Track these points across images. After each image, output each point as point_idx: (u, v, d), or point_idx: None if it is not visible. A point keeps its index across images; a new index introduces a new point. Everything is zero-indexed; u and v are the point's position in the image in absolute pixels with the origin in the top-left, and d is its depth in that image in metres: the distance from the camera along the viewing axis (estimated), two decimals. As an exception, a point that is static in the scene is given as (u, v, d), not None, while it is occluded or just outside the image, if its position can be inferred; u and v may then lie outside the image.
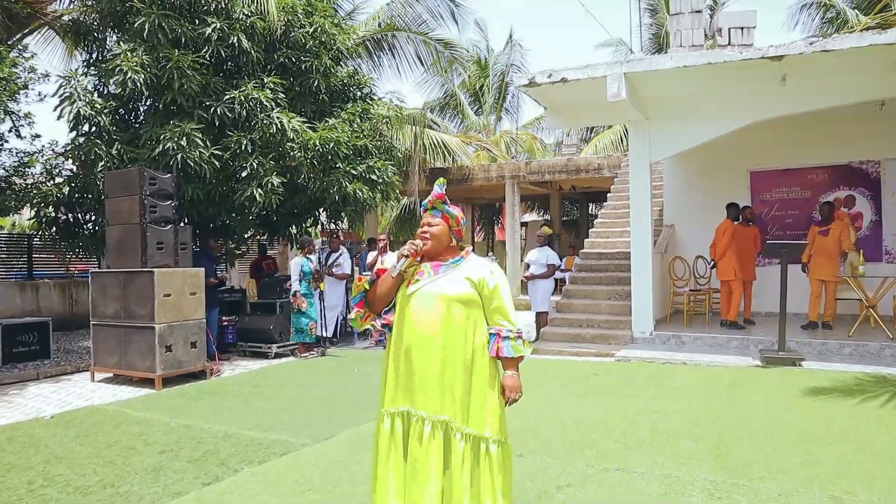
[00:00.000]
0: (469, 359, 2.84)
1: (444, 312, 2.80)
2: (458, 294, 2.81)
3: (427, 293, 2.83)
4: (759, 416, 5.26)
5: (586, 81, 7.78)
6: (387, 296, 2.94)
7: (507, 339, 2.80)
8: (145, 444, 4.89)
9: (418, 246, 2.91)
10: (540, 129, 23.41)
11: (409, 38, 14.83)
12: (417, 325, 2.82)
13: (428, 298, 2.82)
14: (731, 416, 5.26)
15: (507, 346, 2.80)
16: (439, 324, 2.79)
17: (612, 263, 10.61)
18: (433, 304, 2.81)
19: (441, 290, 2.82)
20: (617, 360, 7.99)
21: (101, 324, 7.62)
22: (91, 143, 8.09)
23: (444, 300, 2.80)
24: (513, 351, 2.80)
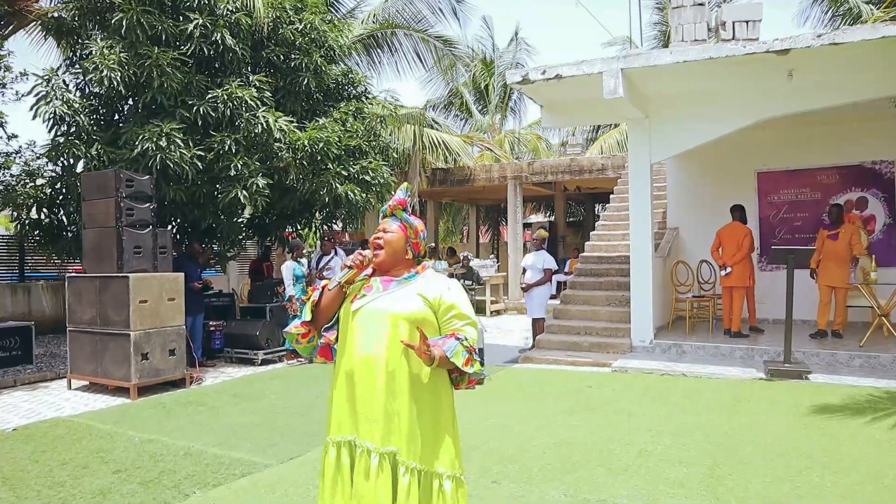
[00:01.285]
0: (419, 384, 2.52)
1: (389, 332, 2.48)
2: (408, 312, 2.48)
3: (372, 310, 2.51)
4: (759, 438, 4.88)
5: (582, 78, 7.43)
6: (327, 310, 2.62)
7: (456, 341, 2.40)
8: (101, 463, 4.61)
9: (366, 257, 2.59)
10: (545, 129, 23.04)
11: (408, 35, 14.53)
12: (360, 346, 2.51)
13: (373, 316, 2.50)
14: (729, 438, 4.88)
15: (453, 346, 2.39)
16: (384, 344, 2.47)
17: (612, 268, 10.23)
18: (378, 323, 2.49)
19: (388, 307, 2.50)
20: (613, 371, 7.62)
21: (78, 330, 7.36)
22: (70, 143, 7.83)
23: (390, 318, 2.48)
24: (452, 353, 2.37)
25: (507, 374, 7.80)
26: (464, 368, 2.42)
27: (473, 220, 24.26)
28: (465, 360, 2.41)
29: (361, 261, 2.57)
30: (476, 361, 2.48)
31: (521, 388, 6.94)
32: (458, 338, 2.44)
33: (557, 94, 8.16)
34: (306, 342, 2.66)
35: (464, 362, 2.41)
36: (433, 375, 2.53)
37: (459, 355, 2.41)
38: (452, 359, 2.37)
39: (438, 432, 2.53)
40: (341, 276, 2.57)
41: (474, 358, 2.47)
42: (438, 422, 2.53)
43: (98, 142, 8.00)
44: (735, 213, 8.70)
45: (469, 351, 2.45)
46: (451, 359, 2.37)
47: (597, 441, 4.85)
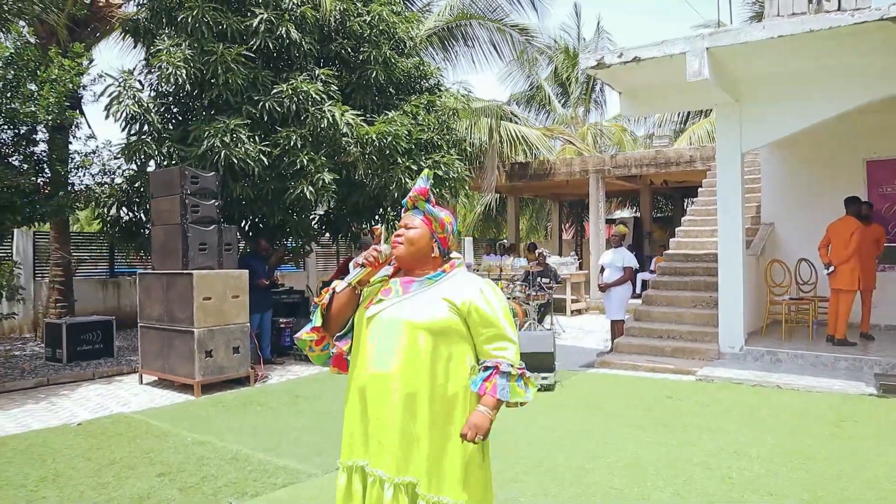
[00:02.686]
0: (443, 406, 2.15)
1: (406, 344, 2.13)
2: (428, 321, 2.13)
3: (388, 318, 2.17)
4: (869, 467, 4.20)
5: (663, 60, 6.80)
6: (339, 315, 2.29)
7: (505, 376, 2.10)
8: (149, 464, 4.51)
9: (381, 254, 2.24)
10: (630, 121, 22.03)
11: (483, 26, 14.13)
12: (372, 360, 2.17)
13: (388, 325, 2.16)
14: (831, 466, 4.23)
15: (504, 385, 2.10)
16: (400, 359, 2.13)
17: (699, 267, 9.45)
18: (394, 333, 2.14)
19: (406, 314, 2.15)
20: (698, 380, 6.96)
21: (147, 326, 7.45)
22: (142, 142, 7.94)
23: (408, 328, 2.13)
24: (509, 394, 2.10)
25: (580, 379, 7.29)
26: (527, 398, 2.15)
27: (556, 217, 23.54)
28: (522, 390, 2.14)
29: (376, 258, 2.22)
30: (530, 381, 2.17)
31: (594, 396, 6.43)
32: (504, 371, 2.10)
33: (636, 78, 7.54)
34: (320, 350, 2.35)
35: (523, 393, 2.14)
36: (461, 394, 2.16)
37: (516, 391, 2.11)
38: (513, 399, 2.11)
39: (467, 461, 2.16)
40: (352, 276, 2.23)
41: (528, 377, 2.16)
42: (465, 448, 2.16)
43: (169, 140, 8.09)
44: (848, 206, 7.72)
45: (521, 377, 2.13)
46: (511, 401, 2.12)
47: (672, 462, 4.31)
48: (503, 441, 4.84)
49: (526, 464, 4.36)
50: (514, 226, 20.75)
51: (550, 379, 6.64)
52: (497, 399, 2.08)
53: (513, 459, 4.45)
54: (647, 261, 16.27)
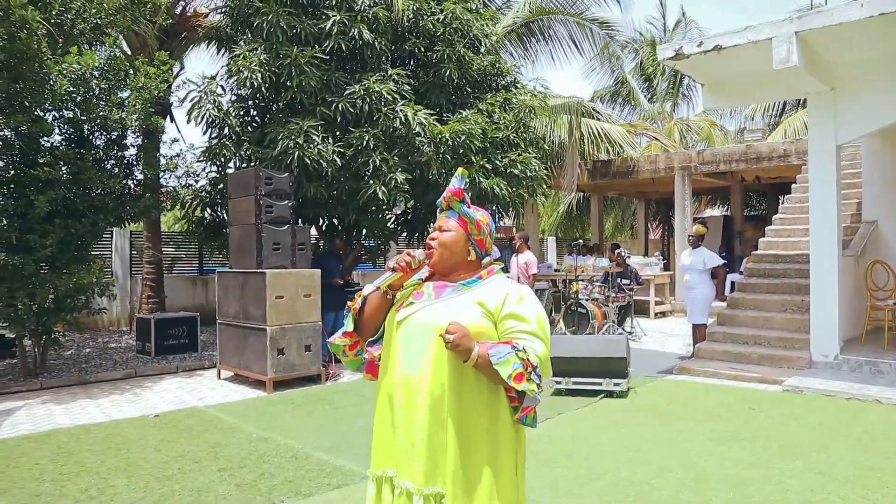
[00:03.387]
0: (472, 412, 2.03)
1: (435, 349, 2.02)
2: None
3: (418, 322, 2.07)
4: (977, 493, 3.73)
5: (747, 47, 6.35)
6: (372, 320, 2.21)
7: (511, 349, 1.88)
8: (213, 458, 4.63)
9: (415, 258, 2.15)
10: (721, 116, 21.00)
11: (563, 21, 13.80)
12: (401, 365, 2.08)
13: (418, 329, 2.06)
14: (932, 490, 3.79)
15: (504, 352, 1.88)
16: (429, 364, 2.02)
17: (791, 268, 8.81)
18: (423, 337, 2.04)
19: (437, 318, 2.03)
20: (785, 391, 6.46)
21: (225, 323, 7.70)
22: (222, 145, 8.22)
23: (438, 333, 2.01)
24: (500, 361, 1.86)
25: (656, 386, 6.95)
26: (511, 384, 1.86)
27: (641, 215, 22.77)
28: (514, 374, 1.86)
29: (408, 262, 2.13)
30: (532, 381, 1.89)
31: (669, 404, 6.09)
32: (514, 346, 1.91)
33: (719, 69, 7.09)
34: (353, 354, 2.28)
35: (513, 376, 1.86)
36: (491, 402, 2.03)
37: (508, 364, 1.86)
38: (497, 366, 1.85)
39: (497, 472, 2.02)
40: (382, 280, 2.15)
41: (530, 376, 1.89)
42: (497, 459, 2.02)
43: (247, 142, 8.33)
44: None
45: (524, 364, 1.89)
46: (494, 365, 1.85)
47: (748, 481, 3.99)
48: (564, 449, 4.65)
49: (587, 475, 4.16)
50: (597, 225, 20.23)
51: (623, 385, 6.35)
52: (488, 353, 1.87)
53: (573, 469, 4.26)
54: (738, 261, 15.43)
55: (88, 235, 7.56)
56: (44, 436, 5.27)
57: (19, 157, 7.18)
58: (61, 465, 4.53)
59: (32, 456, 4.75)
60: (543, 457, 4.47)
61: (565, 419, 5.59)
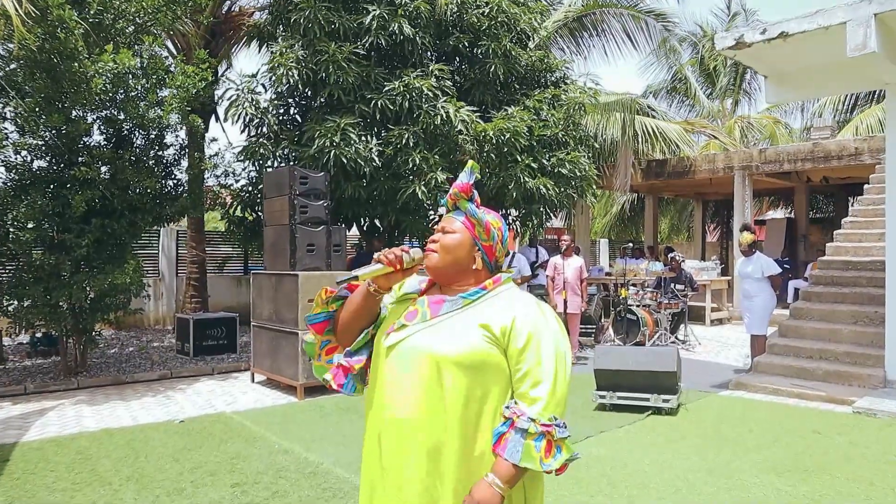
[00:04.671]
0: (475, 462, 1.68)
1: (430, 383, 1.68)
2: (458, 353, 1.67)
3: (410, 349, 1.72)
4: None
5: (817, 33, 5.78)
6: (352, 322, 1.86)
7: (521, 433, 1.58)
8: (229, 471, 4.42)
9: (407, 256, 1.79)
10: (785, 112, 19.91)
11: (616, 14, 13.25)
12: (391, 401, 1.74)
13: (410, 358, 1.71)
14: None
15: (516, 444, 1.58)
16: (422, 402, 1.68)
17: (862, 276, 8.09)
18: (416, 369, 1.70)
19: (431, 344, 1.70)
20: (855, 412, 5.85)
21: (259, 325, 7.54)
22: (260, 143, 8.10)
23: (432, 363, 1.68)
24: (520, 457, 1.56)
25: (709, 402, 6.43)
26: (546, 465, 1.57)
27: (698, 217, 21.84)
28: (543, 456, 1.57)
29: (398, 257, 1.75)
30: (563, 442, 1.59)
31: (723, 425, 5.59)
32: (519, 427, 1.58)
33: (784, 59, 6.51)
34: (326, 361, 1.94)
35: (543, 457, 1.57)
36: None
37: (530, 454, 1.56)
38: (524, 464, 1.56)
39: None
40: (364, 271, 1.74)
41: (558, 437, 1.58)
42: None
43: (285, 141, 8.18)
44: None
45: (545, 435, 1.57)
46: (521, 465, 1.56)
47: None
48: (604, 474, 4.25)
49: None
50: (652, 227, 19.48)
51: (672, 402, 5.86)
52: (511, 464, 1.56)
53: (613, 499, 3.85)
54: (802, 267, 14.55)
55: (126, 235, 7.53)
56: (67, 440, 5.18)
57: (59, 157, 7.19)
58: (76, 472, 4.39)
59: (51, 461, 4.64)
60: (582, 483, 4.08)
61: (607, 438, 5.16)
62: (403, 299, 1.87)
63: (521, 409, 1.59)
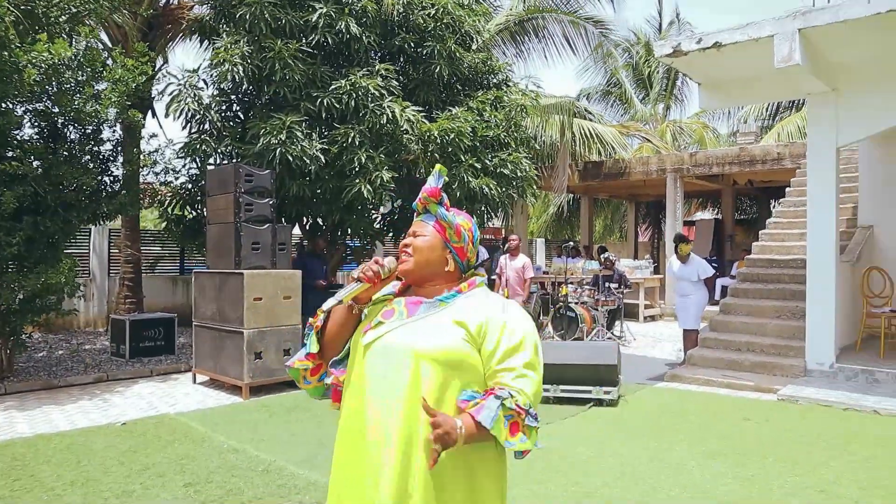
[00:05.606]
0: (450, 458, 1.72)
1: (409, 379, 1.71)
2: (436, 350, 1.70)
3: (389, 345, 1.75)
4: None
5: (747, 44, 6.14)
6: (336, 338, 1.91)
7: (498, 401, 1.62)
8: (179, 472, 4.35)
9: (384, 268, 1.85)
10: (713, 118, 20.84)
11: (556, 20, 13.59)
12: (368, 397, 1.76)
13: (389, 354, 1.74)
14: (941, 513, 3.57)
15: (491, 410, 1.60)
16: (400, 398, 1.71)
17: (785, 273, 8.62)
18: (394, 365, 1.72)
19: (409, 341, 1.73)
20: (780, 400, 6.25)
21: (201, 325, 7.40)
22: (202, 140, 7.93)
23: (411, 359, 1.71)
24: (491, 422, 1.59)
25: (647, 394, 6.72)
26: (509, 443, 1.61)
27: (632, 218, 22.60)
28: (508, 431, 1.61)
29: (376, 272, 1.82)
30: (531, 429, 1.64)
31: (661, 414, 5.86)
32: (500, 395, 1.62)
33: (717, 67, 6.87)
34: (316, 380, 1.96)
35: (507, 434, 1.61)
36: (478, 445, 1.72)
37: (501, 425, 1.60)
38: (493, 431, 1.59)
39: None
40: (344, 293, 1.84)
41: (526, 423, 1.63)
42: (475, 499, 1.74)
43: (228, 138, 8.05)
44: None
45: (516, 413, 1.62)
46: (491, 430, 1.58)
47: (745, 499, 3.76)
48: (552, 464, 4.40)
49: (576, 492, 3.91)
50: (587, 227, 20.02)
51: (613, 394, 6.11)
52: (476, 422, 1.59)
53: (562, 487, 4.01)
54: (728, 265, 15.28)
55: (60, 234, 7.24)
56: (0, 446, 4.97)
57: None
58: (14, 479, 4.23)
59: (-15, 468, 4.45)
60: (530, 472, 4.22)
61: (554, 430, 5.34)
62: (379, 301, 1.93)
63: (505, 387, 1.66)
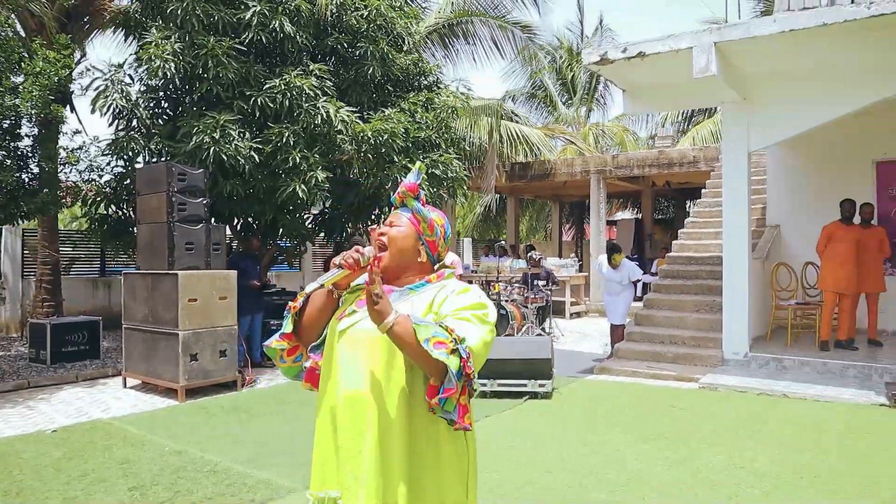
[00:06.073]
0: (424, 434, 1.86)
1: (384, 362, 1.84)
2: None
3: (362, 332, 1.87)
4: (885, 485, 3.95)
5: (668, 55, 6.55)
6: (315, 322, 1.99)
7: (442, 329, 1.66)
8: (122, 476, 4.27)
9: (363, 256, 1.94)
10: (632, 121, 21.76)
11: (484, 23, 13.88)
12: (345, 380, 1.87)
13: (363, 340, 1.86)
14: (844, 484, 3.97)
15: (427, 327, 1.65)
16: (374, 380, 1.83)
17: (703, 270, 9.19)
18: (369, 349, 1.84)
19: None
20: (701, 388, 6.70)
21: (132, 328, 7.20)
22: (130, 137, 7.70)
23: (383, 343, 1.83)
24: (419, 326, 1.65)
25: (578, 386, 7.04)
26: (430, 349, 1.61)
27: (556, 218, 23.28)
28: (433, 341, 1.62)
29: (356, 259, 1.92)
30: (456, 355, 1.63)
31: (593, 405, 6.17)
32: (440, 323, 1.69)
33: (641, 75, 7.28)
34: (292, 361, 2.06)
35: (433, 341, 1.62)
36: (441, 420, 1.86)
37: (428, 330, 1.64)
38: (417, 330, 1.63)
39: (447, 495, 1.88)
40: (327, 277, 1.94)
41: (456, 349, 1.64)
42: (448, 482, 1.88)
43: (158, 135, 7.84)
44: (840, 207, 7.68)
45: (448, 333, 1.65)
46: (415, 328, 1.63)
47: (678, 480, 4.06)
48: (494, 454, 4.59)
49: (521, 479, 4.11)
50: (513, 227, 20.49)
51: (548, 386, 6.38)
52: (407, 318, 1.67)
53: (509, 475, 4.20)
54: (649, 263, 16.03)
55: (-27, 234, 6.89)
56: (-80, 457, 4.72)
57: None
58: (-58, 490, 4.05)
59: None
60: (476, 462, 4.38)
61: (493, 423, 5.54)
62: (354, 290, 2.04)
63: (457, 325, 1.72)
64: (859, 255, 7.40)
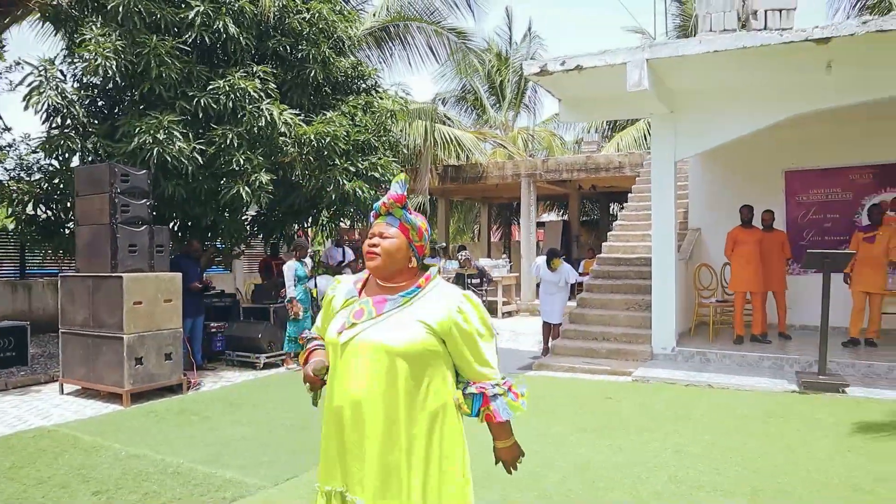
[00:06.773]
0: (422, 432, 2.05)
1: (384, 370, 2.01)
2: (405, 345, 1.99)
3: (363, 343, 2.03)
4: (800, 463, 4.44)
5: (604, 69, 6.98)
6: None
7: (497, 399, 2.11)
8: (82, 482, 4.24)
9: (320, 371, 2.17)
10: (559, 126, 22.52)
11: (420, 29, 14.11)
12: (350, 385, 2.04)
13: (365, 350, 2.01)
14: (766, 462, 4.44)
15: (502, 406, 2.13)
16: (378, 385, 2.00)
17: (631, 270, 9.77)
18: (371, 359, 2.01)
19: (381, 338, 2.01)
20: (634, 381, 7.18)
21: (70, 332, 7.02)
22: (65, 136, 7.48)
23: (384, 353, 2.01)
24: (511, 410, 2.13)
25: (519, 382, 7.34)
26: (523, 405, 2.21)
27: (485, 219, 23.79)
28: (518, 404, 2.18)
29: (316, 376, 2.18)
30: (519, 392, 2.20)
31: (536, 399, 6.47)
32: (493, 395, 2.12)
33: (577, 86, 7.70)
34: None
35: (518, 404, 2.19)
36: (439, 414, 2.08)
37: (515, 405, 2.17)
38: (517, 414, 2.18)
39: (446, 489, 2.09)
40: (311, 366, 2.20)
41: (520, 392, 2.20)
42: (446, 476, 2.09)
43: (95, 134, 7.66)
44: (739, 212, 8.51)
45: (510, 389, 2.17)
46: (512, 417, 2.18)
47: (621, 464, 4.43)
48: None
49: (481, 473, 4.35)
50: (444, 228, 20.82)
51: (494, 382, 6.67)
52: (507, 420, 2.12)
53: (466, 465, 4.44)
54: (576, 264, 16.69)
55: None
56: None
57: None
58: None
59: None
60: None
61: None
62: (346, 303, 2.21)
63: (483, 384, 2.07)
64: (763, 256, 8.14)
